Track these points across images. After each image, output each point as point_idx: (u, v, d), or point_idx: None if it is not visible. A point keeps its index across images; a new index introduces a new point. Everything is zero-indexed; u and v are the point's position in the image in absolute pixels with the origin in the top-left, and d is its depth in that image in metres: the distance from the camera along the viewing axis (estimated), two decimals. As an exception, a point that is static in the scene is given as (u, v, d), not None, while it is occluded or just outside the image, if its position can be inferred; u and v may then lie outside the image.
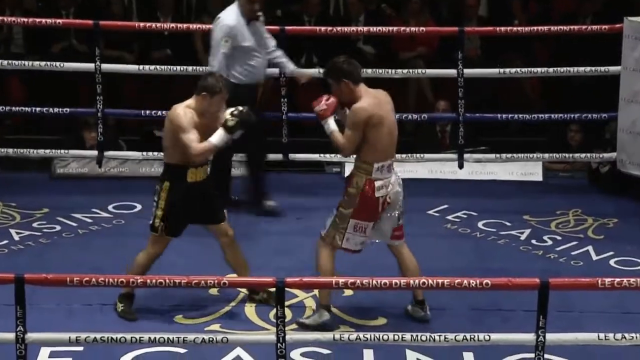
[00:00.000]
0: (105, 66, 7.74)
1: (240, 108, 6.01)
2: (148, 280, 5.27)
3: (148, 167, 8.28)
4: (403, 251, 6.12)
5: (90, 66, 7.72)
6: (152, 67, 7.91)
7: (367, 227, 5.98)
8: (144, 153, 7.92)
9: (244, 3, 7.25)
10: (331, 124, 5.94)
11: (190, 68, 7.92)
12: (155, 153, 7.90)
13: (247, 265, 6.24)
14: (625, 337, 5.33)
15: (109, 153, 7.94)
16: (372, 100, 5.91)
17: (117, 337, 5.39)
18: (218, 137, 5.96)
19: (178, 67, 7.89)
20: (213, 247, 6.41)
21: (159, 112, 7.80)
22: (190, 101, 6.11)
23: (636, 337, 5.32)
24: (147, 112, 7.90)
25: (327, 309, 6.09)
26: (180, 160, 6.04)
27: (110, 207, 7.75)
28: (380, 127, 5.88)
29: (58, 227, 7.43)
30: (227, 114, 6.00)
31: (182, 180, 6.06)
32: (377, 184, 5.90)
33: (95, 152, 7.91)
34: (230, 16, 7.25)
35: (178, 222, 6.16)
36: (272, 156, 7.83)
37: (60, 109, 7.90)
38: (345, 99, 5.95)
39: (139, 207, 7.75)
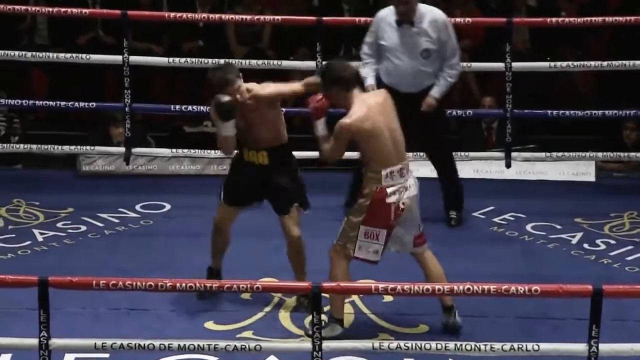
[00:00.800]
0: (134, 58, 7.76)
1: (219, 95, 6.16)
2: (178, 284, 5.28)
3: (177, 165, 8.31)
4: (426, 256, 6.08)
5: (117, 58, 7.74)
6: (183, 59, 7.93)
7: (379, 233, 5.92)
8: (174, 150, 7.95)
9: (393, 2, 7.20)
10: (320, 128, 5.98)
11: (222, 61, 7.91)
12: (185, 150, 7.93)
13: (304, 268, 6.26)
14: (683, 349, 5.28)
15: (137, 150, 7.96)
16: (362, 111, 5.84)
17: (145, 344, 5.40)
18: (218, 127, 6.22)
19: (210, 60, 7.90)
20: (248, 248, 6.43)
21: (189, 107, 7.83)
22: None
23: (696, 348, 5.27)
24: (177, 107, 7.92)
25: (340, 322, 6.06)
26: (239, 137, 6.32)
27: (137, 207, 7.78)
28: (377, 136, 5.84)
29: (83, 228, 7.47)
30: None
31: (241, 157, 6.37)
32: (389, 190, 5.87)
33: (122, 149, 7.94)
34: (386, 10, 7.21)
35: (232, 191, 6.40)
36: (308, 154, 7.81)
37: (86, 104, 7.94)
38: (338, 104, 5.95)
39: (167, 206, 7.78)
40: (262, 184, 6.31)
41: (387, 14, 7.17)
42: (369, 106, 5.90)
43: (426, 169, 8.00)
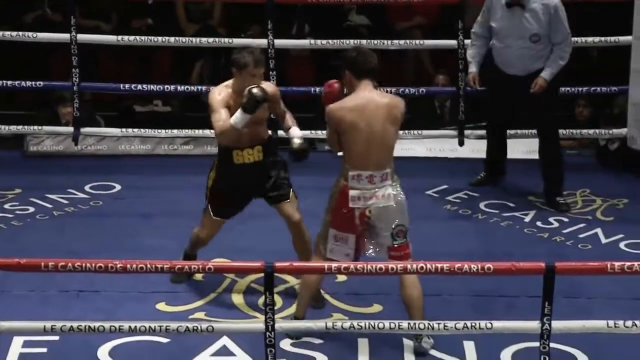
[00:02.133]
0: (81, 36, 7.71)
1: (254, 86, 5.91)
2: (128, 265, 5.25)
3: (127, 145, 8.26)
4: (405, 276, 5.79)
5: (65, 37, 7.68)
6: (132, 37, 7.87)
7: (347, 238, 5.77)
8: (123, 130, 7.91)
9: None
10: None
11: (172, 39, 7.89)
12: (135, 130, 7.89)
13: (310, 252, 6.11)
14: (636, 325, 5.33)
15: (86, 130, 7.91)
16: (354, 103, 5.70)
17: (95, 326, 5.38)
18: (236, 117, 5.92)
19: (159, 38, 7.85)
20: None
21: (139, 86, 7.79)
22: (231, 80, 6.06)
23: (647, 324, 5.34)
24: (126, 86, 7.87)
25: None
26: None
27: (87, 188, 7.73)
28: (354, 134, 5.67)
29: (31, 209, 7.42)
30: (245, 91, 5.93)
31: (229, 162, 6.12)
32: (352, 193, 5.71)
33: (71, 129, 7.88)
34: None
35: (225, 204, 6.20)
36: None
37: (33, 83, 7.87)
38: (348, 89, 5.85)
39: (117, 187, 7.74)
40: (258, 180, 6.15)
41: None
42: (361, 100, 5.70)
43: (422, 147, 8.08)
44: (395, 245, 5.77)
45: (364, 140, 5.69)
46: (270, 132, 6.29)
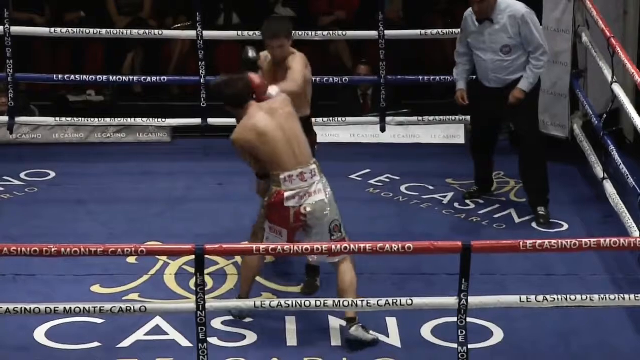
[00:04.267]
0: (15, 29, 7.60)
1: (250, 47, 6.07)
2: (63, 249, 5.21)
3: (62, 133, 8.18)
4: (341, 269, 5.72)
5: (-1, 29, 7.57)
6: (64, 30, 7.79)
7: (282, 232, 5.75)
8: (57, 119, 7.82)
9: None
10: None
11: (103, 31, 7.81)
12: (69, 119, 7.81)
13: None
14: (547, 299, 5.41)
15: (21, 119, 7.81)
16: (245, 123, 5.68)
17: (30, 308, 5.33)
18: None
19: (91, 30, 7.77)
20: (134, 215, 6.37)
21: (72, 77, 7.71)
22: None
23: (558, 298, 5.42)
24: (60, 76, 7.79)
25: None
26: None
27: (22, 175, 7.63)
28: (270, 143, 5.65)
29: (-32, 196, 7.32)
30: None
31: None
32: (287, 194, 5.68)
33: (6, 118, 7.77)
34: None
35: None
36: (190, 121, 7.79)
37: (-32, 73, 7.75)
38: (241, 117, 5.77)
39: (52, 174, 7.66)
40: None
41: (472, 11, 6.97)
42: (255, 114, 5.69)
43: (345, 134, 8.07)
44: (334, 239, 5.74)
45: (283, 140, 5.68)
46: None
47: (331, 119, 7.76)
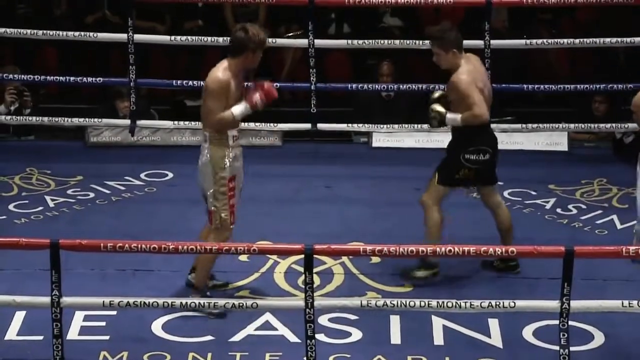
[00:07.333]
0: (138, 37, 7.72)
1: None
2: (180, 247, 5.27)
3: (179, 136, 8.29)
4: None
5: (123, 37, 7.70)
6: (183, 38, 7.89)
7: None
8: (175, 122, 7.92)
9: None
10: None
11: (220, 39, 7.89)
12: (186, 122, 7.91)
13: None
14: (649, 305, 5.29)
15: (141, 122, 7.93)
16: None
17: (149, 302, 5.41)
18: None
19: (209, 38, 7.86)
20: (245, 214, 6.37)
21: (190, 83, 7.80)
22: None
23: (660, 305, 5.28)
24: (179, 82, 7.89)
25: (203, 294, 5.85)
26: None
27: (142, 175, 7.76)
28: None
29: (92, 194, 7.46)
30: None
31: None
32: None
33: (127, 121, 7.91)
34: None
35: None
36: (301, 126, 7.82)
37: (94, 79, 7.90)
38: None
39: (170, 175, 7.76)
40: None
41: None
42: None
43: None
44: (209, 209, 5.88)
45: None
46: None
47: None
